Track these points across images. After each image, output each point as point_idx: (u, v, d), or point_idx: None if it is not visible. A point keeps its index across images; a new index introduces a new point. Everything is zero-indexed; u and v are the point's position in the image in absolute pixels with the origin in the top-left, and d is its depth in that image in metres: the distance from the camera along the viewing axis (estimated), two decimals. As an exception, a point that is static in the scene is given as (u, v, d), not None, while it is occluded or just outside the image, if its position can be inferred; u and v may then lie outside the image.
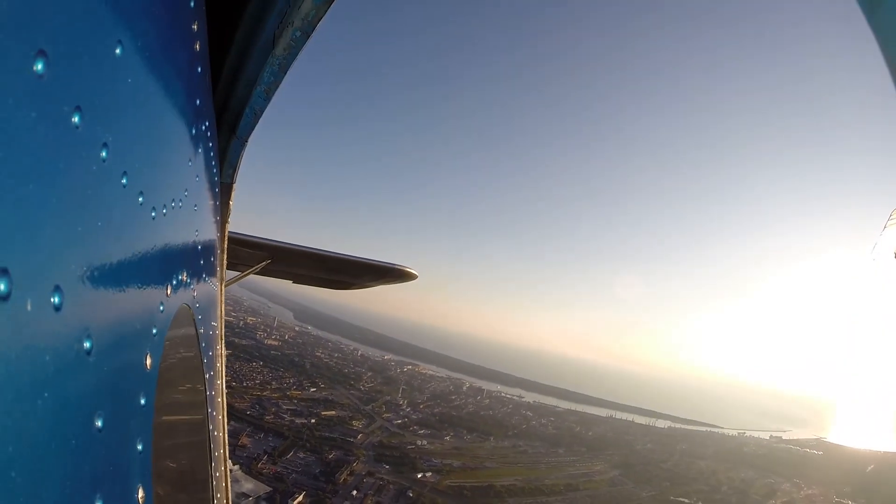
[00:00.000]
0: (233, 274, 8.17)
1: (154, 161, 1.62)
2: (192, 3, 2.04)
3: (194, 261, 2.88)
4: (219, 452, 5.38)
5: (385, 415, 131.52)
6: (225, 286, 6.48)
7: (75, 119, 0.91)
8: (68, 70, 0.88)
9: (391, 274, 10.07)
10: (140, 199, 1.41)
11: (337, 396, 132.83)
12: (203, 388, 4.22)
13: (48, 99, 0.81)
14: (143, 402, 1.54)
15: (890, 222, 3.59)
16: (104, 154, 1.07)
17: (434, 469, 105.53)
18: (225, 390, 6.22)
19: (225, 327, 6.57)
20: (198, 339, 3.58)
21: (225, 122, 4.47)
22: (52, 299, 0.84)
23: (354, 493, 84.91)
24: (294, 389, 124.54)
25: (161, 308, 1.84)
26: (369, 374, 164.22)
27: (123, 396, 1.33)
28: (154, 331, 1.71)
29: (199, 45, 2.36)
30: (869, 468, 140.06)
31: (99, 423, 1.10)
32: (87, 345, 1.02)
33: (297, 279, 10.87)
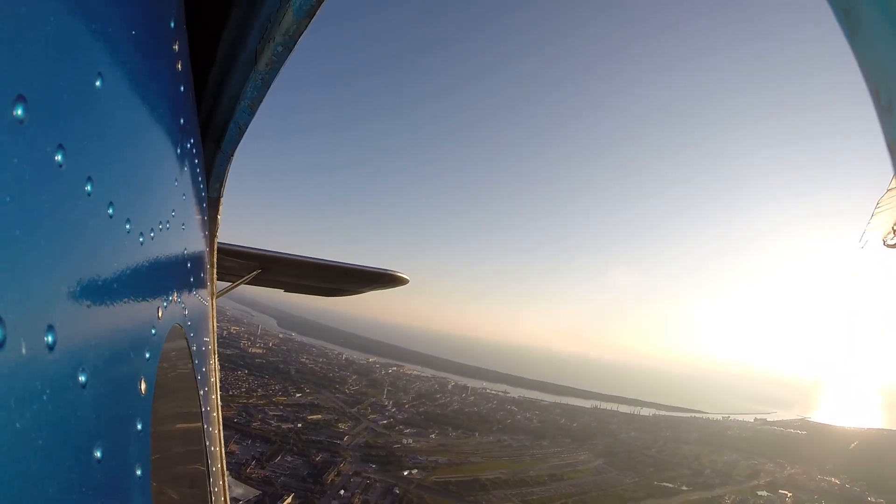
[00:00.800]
0: (224, 285, 8.16)
1: (139, 187, 1.62)
2: (171, 24, 2.06)
3: (184, 279, 2.95)
4: (216, 467, 5.50)
5: (371, 416, 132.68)
6: (216, 298, 6.64)
7: (58, 158, 0.91)
8: (49, 112, 0.88)
9: (383, 279, 10.07)
10: (127, 226, 1.41)
11: (322, 400, 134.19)
12: (198, 404, 4.27)
13: (30, 143, 0.81)
14: (139, 427, 1.55)
15: (877, 210, 4.49)
16: (89, 188, 1.07)
17: (420, 466, 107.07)
18: (220, 404, 6.31)
19: (215, 339, 6.98)
20: (191, 356, 3.65)
21: (210, 137, 4.51)
22: (45, 339, 0.85)
23: (342, 492, 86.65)
24: (280, 395, 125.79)
25: (153, 332, 1.86)
26: (354, 377, 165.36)
27: (120, 424, 1.35)
28: (147, 355, 1.72)
29: (181, 64, 2.40)
30: (852, 445, 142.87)
31: (98, 454, 1.12)
32: (82, 378, 1.03)
33: (289, 288, 10.84)
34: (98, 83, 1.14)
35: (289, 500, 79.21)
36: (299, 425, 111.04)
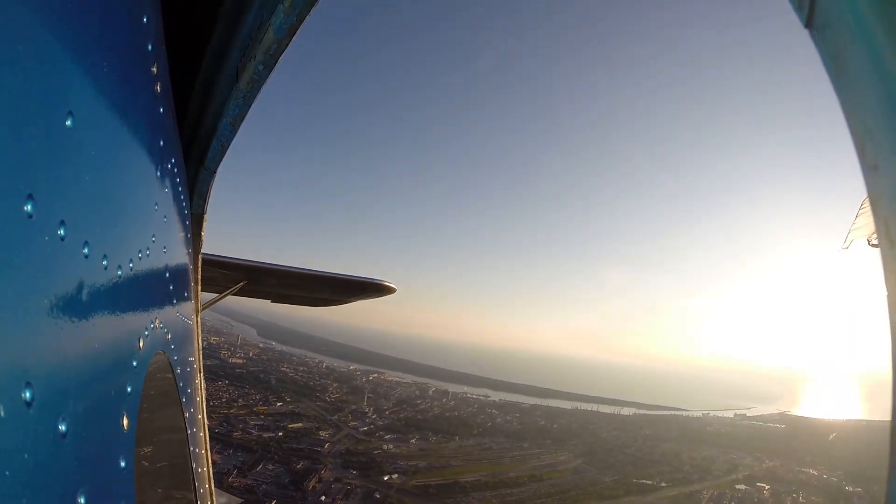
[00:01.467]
0: (210, 296, 8.16)
1: (116, 221, 1.57)
2: (149, 46, 2.02)
3: (166, 303, 2.92)
4: (204, 489, 5.45)
5: (351, 423, 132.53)
6: (201, 310, 6.62)
7: (28, 208, 0.87)
8: (14, 161, 0.82)
9: (370, 288, 10.05)
10: (104, 262, 1.37)
11: (303, 409, 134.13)
12: (183, 427, 4.23)
13: None
14: (123, 464, 1.52)
15: (861, 211, 4.67)
16: (62, 232, 1.03)
17: (400, 471, 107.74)
18: (206, 423, 6.21)
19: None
20: (175, 380, 3.59)
21: (193, 154, 4.46)
22: (23, 396, 0.82)
23: (323, 498, 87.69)
24: (260, 405, 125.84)
25: (134, 364, 1.81)
26: (335, 384, 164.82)
27: (103, 465, 1.33)
28: (129, 390, 1.68)
29: (161, 86, 2.36)
30: (831, 437, 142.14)
31: (82, 501, 1.10)
32: (62, 428, 1.00)
33: (275, 299, 10.78)
34: (69, 122, 1.09)
35: (271, 507, 79.63)
36: (280, 434, 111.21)
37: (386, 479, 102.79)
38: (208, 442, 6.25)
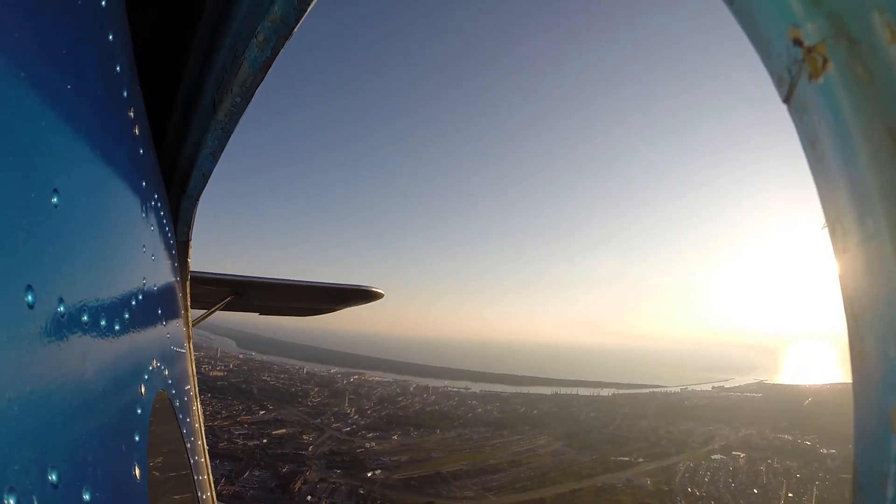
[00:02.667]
0: (197, 313, 7.90)
1: (109, 277, 1.55)
2: (125, 93, 2.00)
3: (161, 342, 2.90)
4: None
5: (334, 425, 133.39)
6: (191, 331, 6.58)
7: (28, 299, 0.86)
8: (8, 250, 0.81)
9: (358, 295, 10.03)
10: (102, 322, 1.36)
11: (286, 415, 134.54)
12: (186, 459, 4.26)
13: None
14: None
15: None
16: (61, 309, 1.02)
17: (383, 467, 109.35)
18: (206, 447, 6.23)
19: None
20: (175, 413, 3.56)
21: (174, 183, 4.40)
22: (49, 478, 0.82)
23: (309, 497, 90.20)
24: (244, 415, 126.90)
25: (139, 412, 1.81)
26: (316, 389, 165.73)
27: None
28: (137, 439, 1.66)
29: (139, 127, 2.35)
30: (806, 402, 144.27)
31: None
32: (86, 497, 1.02)
33: (263, 311, 10.73)
34: (54, 199, 1.06)
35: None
36: (265, 441, 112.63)
37: (369, 475, 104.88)
38: (209, 468, 6.30)
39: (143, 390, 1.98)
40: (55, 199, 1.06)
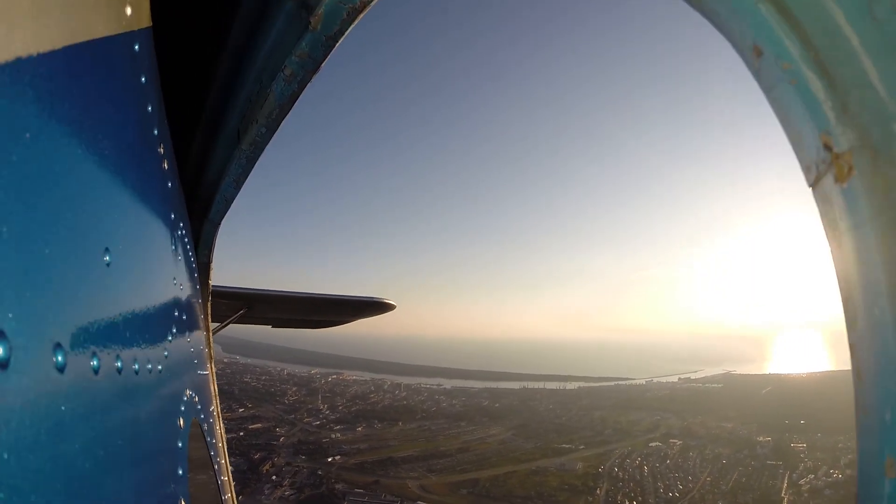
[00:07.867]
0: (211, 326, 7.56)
1: (147, 320, 1.56)
2: (155, 131, 1.98)
3: (192, 374, 2.93)
4: None
5: (306, 419, 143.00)
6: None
7: (58, 359, 0.80)
8: (45, 315, 0.76)
9: (370, 307, 10.02)
10: (135, 366, 1.30)
11: (263, 412, 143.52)
12: (215, 481, 4.32)
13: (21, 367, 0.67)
14: None
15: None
16: (95, 363, 0.97)
17: (343, 453, 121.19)
18: (229, 465, 6.22)
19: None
20: (204, 437, 3.59)
21: (196, 208, 4.37)
22: None
23: (274, 477, 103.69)
24: (223, 413, 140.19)
25: (180, 446, 1.82)
26: (294, 388, 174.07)
27: None
28: (180, 472, 1.68)
29: (167, 163, 2.33)
30: (764, 391, 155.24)
31: None
32: None
33: (276, 324, 10.74)
34: (107, 258, 1.09)
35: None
36: (241, 434, 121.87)
37: (329, 460, 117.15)
38: (232, 484, 6.33)
39: (181, 423, 2.04)
40: (107, 258, 1.09)
